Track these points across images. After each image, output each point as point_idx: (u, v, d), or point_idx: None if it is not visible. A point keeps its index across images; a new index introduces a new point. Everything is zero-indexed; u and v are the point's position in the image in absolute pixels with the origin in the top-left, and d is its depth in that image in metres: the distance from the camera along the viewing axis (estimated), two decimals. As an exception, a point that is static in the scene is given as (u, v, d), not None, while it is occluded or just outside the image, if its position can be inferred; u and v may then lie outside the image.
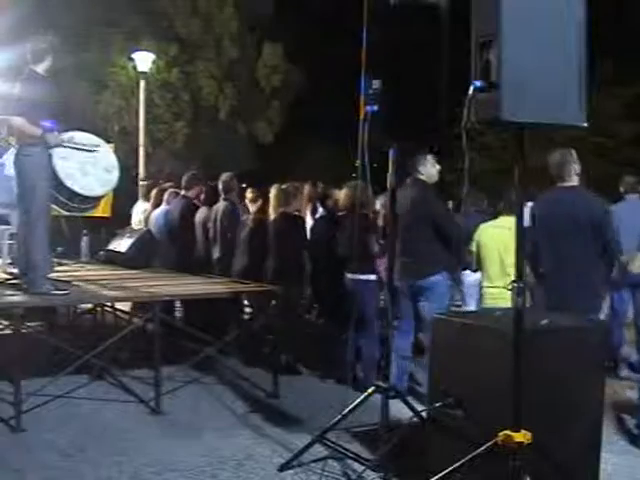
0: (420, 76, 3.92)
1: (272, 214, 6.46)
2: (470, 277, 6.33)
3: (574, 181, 4.66)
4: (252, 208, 7.33)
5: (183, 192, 7.76)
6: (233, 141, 22.56)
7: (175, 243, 7.55)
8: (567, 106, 2.98)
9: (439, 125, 4.01)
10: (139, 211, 9.05)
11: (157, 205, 8.35)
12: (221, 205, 7.06)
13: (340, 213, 6.12)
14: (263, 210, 6.81)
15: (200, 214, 7.42)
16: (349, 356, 5.59)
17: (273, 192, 6.50)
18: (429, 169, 5.26)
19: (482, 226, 5.61)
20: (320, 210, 7.29)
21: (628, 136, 19.83)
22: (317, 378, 6.09)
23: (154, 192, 8.60)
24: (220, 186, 7.12)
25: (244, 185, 7.75)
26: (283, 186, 6.55)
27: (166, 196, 8.27)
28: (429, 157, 5.24)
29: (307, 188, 7.21)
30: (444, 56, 3.98)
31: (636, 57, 17.55)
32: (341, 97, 9.30)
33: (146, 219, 8.48)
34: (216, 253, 7.08)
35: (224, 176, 7.20)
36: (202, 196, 7.61)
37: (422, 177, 5.23)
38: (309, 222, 6.95)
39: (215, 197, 7.28)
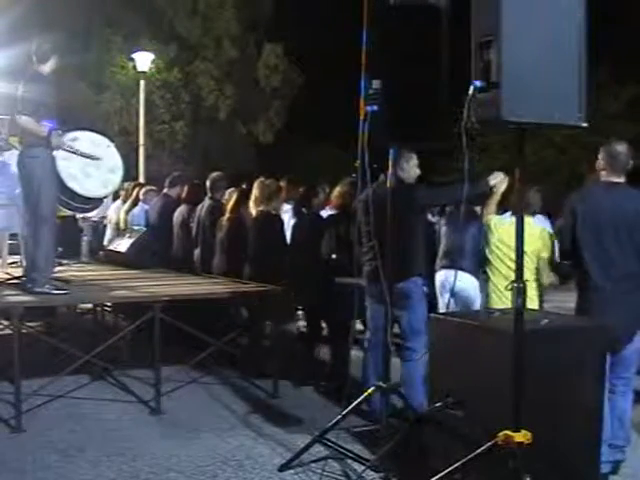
0: (420, 76, 3.91)
1: (253, 209, 6.25)
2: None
3: (623, 178, 4.14)
4: (227, 206, 6.79)
5: (165, 190, 7.75)
6: (233, 141, 22.59)
7: (154, 241, 7.45)
8: (567, 106, 2.98)
9: (439, 125, 4.00)
10: (116, 210, 9.03)
11: (134, 204, 8.35)
12: (206, 204, 6.95)
13: (330, 212, 6.03)
14: (237, 208, 6.52)
15: (180, 212, 7.36)
16: (339, 368, 5.48)
17: (256, 186, 6.28)
18: (411, 168, 4.85)
19: (498, 222, 5.05)
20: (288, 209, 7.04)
21: (628, 136, 19.83)
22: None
23: (134, 191, 8.61)
24: (208, 184, 6.98)
25: (244, 185, 7.69)
26: (267, 182, 6.34)
27: (142, 195, 8.28)
28: (413, 156, 4.85)
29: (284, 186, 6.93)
30: (444, 56, 3.97)
31: (636, 57, 17.56)
32: (341, 97, 9.30)
33: (125, 217, 8.48)
34: (197, 252, 7.02)
35: (213, 175, 7.08)
36: (183, 195, 7.53)
37: (400, 174, 4.76)
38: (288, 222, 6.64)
39: (198, 196, 7.19)
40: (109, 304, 7.13)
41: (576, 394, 3.36)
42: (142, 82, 16.61)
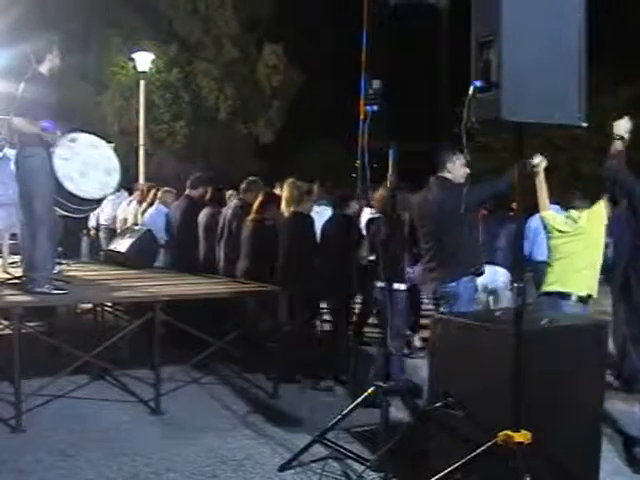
0: (420, 76, 3.92)
1: (285, 212, 6.21)
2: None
3: None
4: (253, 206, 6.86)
5: (187, 192, 7.68)
6: (233, 141, 22.59)
7: (177, 243, 7.48)
8: (567, 106, 2.98)
9: (439, 125, 4.00)
10: (129, 211, 9.00)
11: (150, 205, 8.34)
12: (232, 204, 6.94)
13: (371, 216, 6.04)
14: (261, 209, 6.51)
15: (204, 214, 7.33)
16: (372, 372, 5.40)
17: (287, 187, 6.24)
18: (457, 168, 4.82)
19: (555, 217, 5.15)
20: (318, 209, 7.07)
21: (628, 136, 19.77)
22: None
23: (149, 193, 8.58)
24: (242, 185, 6.97)
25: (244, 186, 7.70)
26: (298, 183, 6.31)
27: (159, 195, 8.25)
28: (460, 156, 4.80)
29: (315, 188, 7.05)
30: (444, 56, 3.98)
31: (637, 57, 17.55)
32: (341, 97, 9.30)
33: (137, 217, 8.47)
34: (221, 254, 6.98)
35: (249, 178, 7.06)
36: (207, 197, 7.52)
37: (449, 176, 4.83)
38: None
39: (221, 198, 7.22)
40: (109, 304, 7.13)
41: (576, 394, 3.36)
42: (142, 82, 16.59)
